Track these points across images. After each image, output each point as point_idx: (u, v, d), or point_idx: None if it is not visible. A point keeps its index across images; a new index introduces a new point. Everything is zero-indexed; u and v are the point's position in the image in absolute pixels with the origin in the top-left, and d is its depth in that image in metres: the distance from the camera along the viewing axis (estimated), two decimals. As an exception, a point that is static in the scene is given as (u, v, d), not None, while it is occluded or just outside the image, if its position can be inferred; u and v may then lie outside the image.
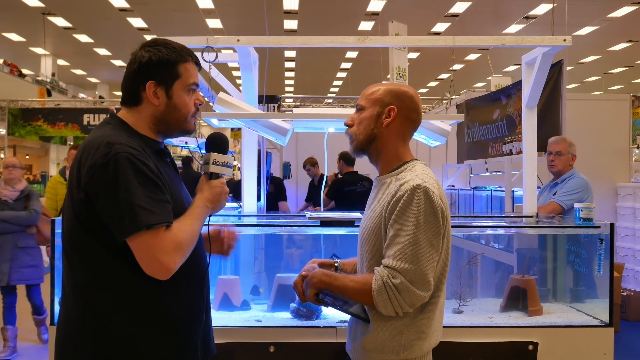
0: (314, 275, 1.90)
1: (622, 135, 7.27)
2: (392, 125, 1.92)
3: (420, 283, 1.73)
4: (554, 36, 3.21)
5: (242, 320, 2.80)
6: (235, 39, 3.18)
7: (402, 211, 1.76)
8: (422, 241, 1.74)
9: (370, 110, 1.94)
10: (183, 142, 8.83)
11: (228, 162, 1.90)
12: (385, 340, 1.81)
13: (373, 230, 1.86)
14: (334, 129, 3.44)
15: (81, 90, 26.50)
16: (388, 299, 1.73)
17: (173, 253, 1.63)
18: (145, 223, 1.59)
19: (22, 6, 14.77)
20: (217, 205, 1.84)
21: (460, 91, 13.01)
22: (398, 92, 1.95)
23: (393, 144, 1.94)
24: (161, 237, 1.62)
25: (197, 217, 1.76)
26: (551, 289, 3.37)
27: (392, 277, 1.72)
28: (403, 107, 1.93)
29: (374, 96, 1.95)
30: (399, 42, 6.49)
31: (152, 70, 1.76)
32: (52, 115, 15.01)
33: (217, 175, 1.87)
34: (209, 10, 14.78)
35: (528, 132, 3.54)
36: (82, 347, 1.68)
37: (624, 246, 7.13)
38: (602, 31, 16.42)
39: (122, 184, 1.60)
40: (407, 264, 1.72)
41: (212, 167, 1.87)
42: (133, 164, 1.63)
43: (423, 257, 1.73)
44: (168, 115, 1.80)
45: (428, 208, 1.76)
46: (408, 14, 14.32)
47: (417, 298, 1.74)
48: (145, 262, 1.62)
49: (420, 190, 1.76)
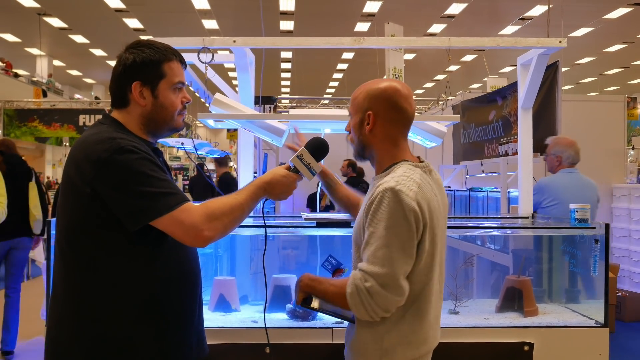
0: (301, 280, 1.90)
1: (617, 137, 7.30)
2: (374, 131, 1.87)
3: (391, 287, 1.68)
4: (549, 37, 3.22)
5: (237, 321, 2.80)
6: (232, 40, 3.18)
7: (374, 214, 1.73)
8: (392, 245, 1.69)
9: (355, 117, 1.92)
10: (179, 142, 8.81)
11: (312, 167, 1.94)
12: (368, 344, 1.80)
13: (357, 232, 1.86)
14: (330, 130, 3.45)
15: (77, 91, 26.45)
16: (360, 302, 1.70)
17: (207, 222, 1.67)
18: (170, 205, 1.64)
19: (17, 6, 14.73)
20: (273, 192, 1.87)
21: (456, 92, 13.03)
22: (374, 94, 1.87)
23: (382, 147, 1.90)
24: (188, 210, 1.66)
25: (245, 190, 1.82)
26: (547, 290, 3.38)
27: (364, 280, 1.69)
28: (380, 110, 1.86)
29: (356, 102, 1.91)
30: (395, 43, 6.49)
31: (136, 72, 1.79)
32: (48, 116, 14.96)
33: (296, 169, 1.91)
34: (205, 11, 14.77)
35: (524, 133, 3.54)
36: (76, 348, 1.68)
37: (619, 247, 7.16)
38: (598, 32, 16.47)
39: (135, 174, 1.63)
40: (378, 268, 1.68)
41: (295, 159, 1.92)
42: (138, 153, 1.66)
43: (394, 260, 1.69)
44: (156, 114, 1.83)
45: (398, 211, 1.70)
46: (404, 15, 14.35)
47: (390, 302, 1.70)
48: (180, 236, 1.67)
49: (390, 192, 1.71)
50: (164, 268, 1.75)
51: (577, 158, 4.31)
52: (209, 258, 3.27)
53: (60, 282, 1.75)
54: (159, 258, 1.74)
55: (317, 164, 1.96)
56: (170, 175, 1.86)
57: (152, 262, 1.73)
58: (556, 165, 4.27)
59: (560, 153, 4.27)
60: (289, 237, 3.53)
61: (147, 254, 1.72)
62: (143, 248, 1.71)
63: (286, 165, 1.94)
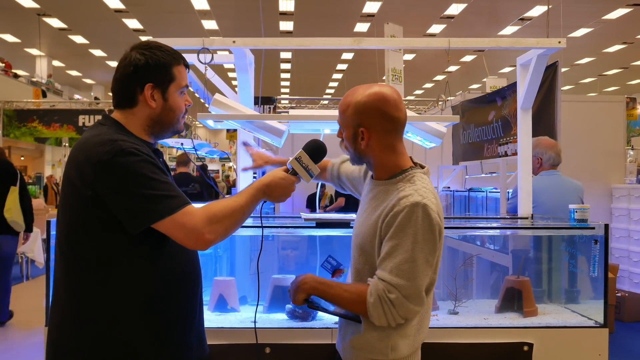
0: (305, 282, 1.90)
1: (617, 137, 7.29)
2: (370, 144, 1.86)
3: (414, 298, 1.75)
4: (548, 38, 3.21)
5: (237, 322, 2.80)
6: (231, 40, 3.18)
7: (401, 227, 1.75)
8: (418, 258, 1.74)
9: (347, 131, 1.90)
10: (179, 143, 8.83)
11: (311, 169, 1.95)
12: (374, 342, 1.83)
13: (367, 238, 1.86)
14: (329, 131, 3.45)
15: (76, 92, 26.43)
16: (383, 312, 1.75)
17: (208, 225, 1.68)
18: (171, 208, 1.64)
19: (17, 7, 14.73)
20: (272, 195, 1.88)
21: (455, 93, 13.05)
22: (364, 109, 1.84)
23: (381, 156, 1.89)
24: (190, 212, 1.67)
25: (245, 193, 1.82)
26: (546, 290, 3.38)
27: (387, 291, 1.74)
28: (374, 124, 1.84)
29: (345, 116, 1.89)
30: (395, 43, 6.51)
31: (149, 73, 1.79)
32: (47, 117, 14.97)
33: (294, 171, 1.92)
34: (204, 12, 14.77)
35: (523, 134, 3.54)
36: (78, 349, 1.68)
37: (618, 247, 7.16)
38: (597, 33, 16.48)
39: (136, 177, 1.63)
40: (404, 281, 1.73)
41: (293, 161, 1.93)
42: (139, 155, 1.66)
43: (419, 273, 1.75)
44: (164, 117, 1.84)
45: (426, 226, 1.75)
46: (404, 15, 14.35)
47: (411, 312, 1.78)
48: (182, 239, 1.68)
49: (419, 207, 1.75)
50: (165, 269, 1.75)
51: (558, 160, 4.25)
52: (208, 258, 3.27)
53: (61, 283, 1.75)
54: (160, 259, 1.74)
55: (315, 166, 1.96)
56: (170, 176, 1.86)
57: (153, 264, 1.73)
58: (537, 167, 4.24)
59: (540, 155, 4.23)
60: (289, 238, 3.53)
61: (148, 255, 1.72)
62: (144, 249, 1.71)
63: (284, 167, 1.95)
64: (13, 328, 5.25)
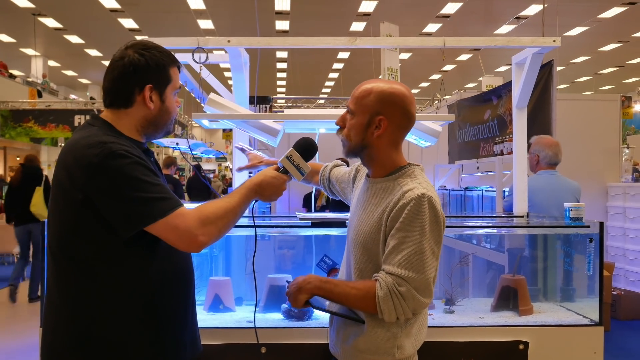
0: (309, 281, 1.86)
1: (613, 135, 7.31)
2: (383, 136, 1.86)
3: (424, 290, 1.75)
4: (543, 37, 3.22)
5: (233, 322, 2.80)
6: (226, 40, 3.17)
7: (408, 220, 1.75)
8: (426, 250, 1.75)
9: (360, 117, 1.87)
10: (174, 143, 8.82)
11: (302, 167, 1.95)
12: (380, 342, 1.82)
13: (371, 235, 1.85)
14: (325, 130, 3.44)
15: (72, 92, 26.36)
16: (393, 306, 1.74)
17: (201, 227, 1.66)
18: (164, 211, 1.62)
19: (12, 7, 14.68)
20: (264, 194, 1.88)
21: (451, 92, 13.05)
22: (389, 99, 1.85)
23: (386, 151, 1.89)
24: (183, 214, 1.65)
25: (237, 193, 1.81)
26: (542, 289, 3.39)
27: (397, 284, 1.73)
28: (395, 116, 1.85)
29: (364, 102, 1.86)
30: (390, 42, 6.50)
31: (149, 74, 1.77)
32: (43, 117, 14.90)
33: (285, 170, 1.92)
34: (200, 11, 14.75)
35: (518, 133, 3.55)
36: (72, 352, 1.67)
37: (614, 245, 7.18)
38: (593, 32, 16.52)
39: (127, 179, 1.61)
40: (413, 273, 1.73)
41: (284, 160, 1.93)
42: (130, 158, 1.64)
43: (427, 265, 1.75)
44: (159, 118, 1.83)
45: (432, 217, 1.77)
46: (399, 14, 14.35)
47: (421, 305, 1.77)
48: (175, 241, 1.66)
49: (425, 199, 1.76)
50: (158, 270, 1.74)
51: (555, 159, 4.23)
52: (204, 258, 3.27)
53: (54, 286, 1.74)
54: (153, 260, 1.73)
55: (306, 164, 1.96)
56: (162, 176, 1.85)
57: (146, 265, 1.72)
58: (534, 165, 4.24)
59: (537, 152, 4.22)
60: (285, 237, 3.53)
61: (141, 256, 1.71)
62: (136, 251, 1.69)
63: (275, 166, 1.95)
64: (9, 329, 5.23)
